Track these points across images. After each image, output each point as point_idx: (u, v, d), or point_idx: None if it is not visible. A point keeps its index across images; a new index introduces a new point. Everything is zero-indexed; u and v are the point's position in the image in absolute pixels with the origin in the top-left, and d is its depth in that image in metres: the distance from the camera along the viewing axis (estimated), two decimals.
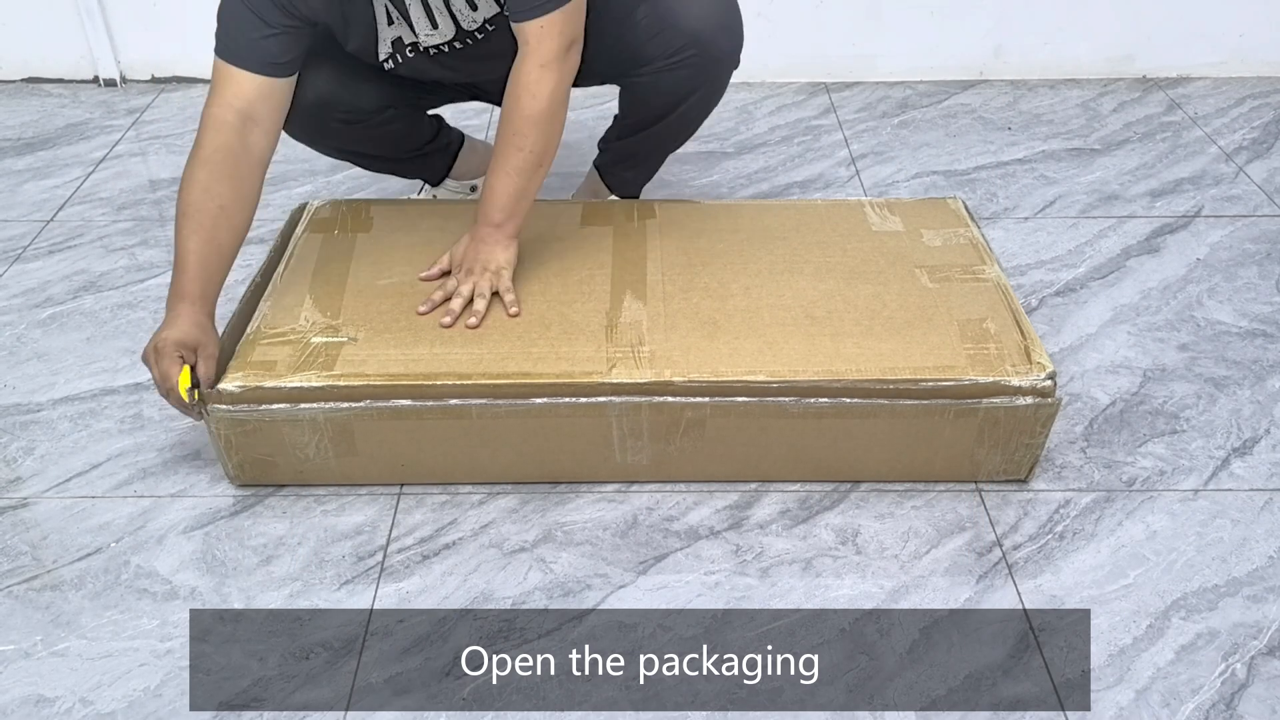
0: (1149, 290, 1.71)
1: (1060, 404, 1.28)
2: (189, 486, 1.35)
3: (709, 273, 1.44)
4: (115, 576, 1.23)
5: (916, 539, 1.28)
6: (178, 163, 2.10)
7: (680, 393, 1.26)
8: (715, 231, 1.53)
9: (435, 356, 1.29)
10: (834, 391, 1.26)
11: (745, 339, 1.32)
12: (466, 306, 1.35)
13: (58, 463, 1.39)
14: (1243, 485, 1.35)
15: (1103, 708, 1.09)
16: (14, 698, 1.10)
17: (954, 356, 1.29)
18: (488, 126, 2.22)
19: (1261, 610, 1.19)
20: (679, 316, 1.36)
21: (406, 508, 1.32)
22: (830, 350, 1.30)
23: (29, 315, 1.67)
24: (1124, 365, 1.55)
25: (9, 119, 2.29)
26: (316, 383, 1.26)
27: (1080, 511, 1.32)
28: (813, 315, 1.36)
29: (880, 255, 1.47)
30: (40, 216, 1.93)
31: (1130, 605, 1.20)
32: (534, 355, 1.29)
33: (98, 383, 1.52)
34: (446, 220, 1.56)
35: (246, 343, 1.32)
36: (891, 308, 1.37)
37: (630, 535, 1.29)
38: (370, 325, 1.35)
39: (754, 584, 1.22)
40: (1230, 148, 2.13)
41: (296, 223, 1.56)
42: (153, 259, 1.81)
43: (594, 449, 1.31)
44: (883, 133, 2.20)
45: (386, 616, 1.19)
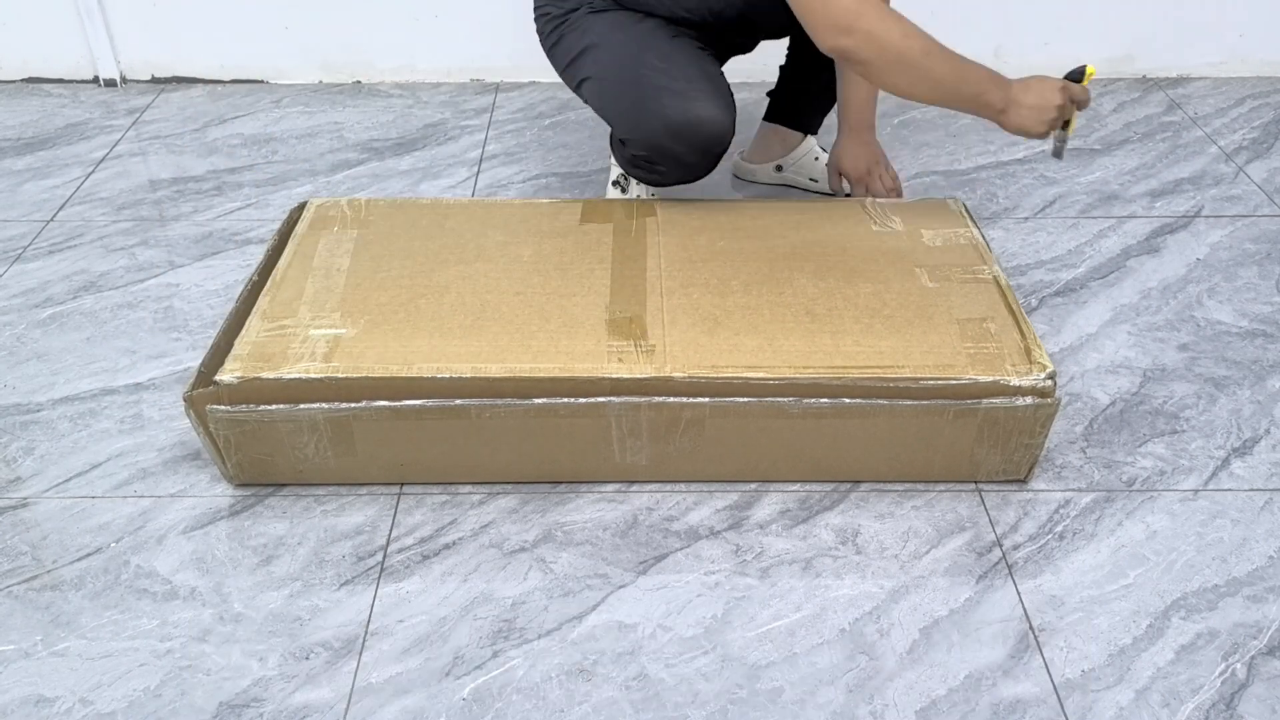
0: (1149, 290, 1.71)
1: (1060, 404, 1.28)
2: (189, 486, 1.35)
3: (709, 269, 1.44)
4: (115, 576, 1.23)
5: (916, 539, 1.28)
6: (178, 162, 2.11)
7: (680, 392, 1.26)
8: (715, 229, 1.53)
9: (434, 348, 1.29)
10: (834, 390, 1.26)
11: (745, 335, 1.32)
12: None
13: (57, 463, 1.39)
14: (1243, 485, 1.35)
15: (1103, 708, 1.09)
16: (14, 698, 1.10)
17: (954, 355, 1.29)
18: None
19: (1261, 610, 1.19)
20: (679, 312, 1.36)
21: (406, 508, 1.32)
22: (830, 347, 1.30)
23: (29, 315, 1.67)
24: (1124, 365, 1.55)
25: (9, 119, 2.29)
26: (314, 374, 1.26)
27: (1080, 511, 1.32)
28: (813, 313, 1.36)
29: (880, 255, 1.47)
30: (40, 216, 1.93)
31: (1130, 605, 1.20)
32: (533, 349, 1.29)
33: (98, 383, 1.52)
34: (445, 218, 1.56)
35: (244, 336, 1.32)
36: (892, 306, 1.37)
37: (630, 535, 1.29)
38: (369, 316, 1.35)
39: (754, 584, 1.22)
40: (1230, 148, 2.13)
41: (296, 221, 1.56)
42: (153, 259, 1.81)
43: (593, 449, 1.31)
44: (883, 133, 2.19)
45: (386, 616, 1.19)
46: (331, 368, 1.26)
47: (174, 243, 1.85)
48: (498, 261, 1.46)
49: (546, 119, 2.28)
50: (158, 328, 1.63)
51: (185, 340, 1.60)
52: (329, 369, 1.26)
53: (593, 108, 1.63)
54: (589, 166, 2.09)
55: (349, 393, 1.26)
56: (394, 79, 2.46)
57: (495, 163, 2.11)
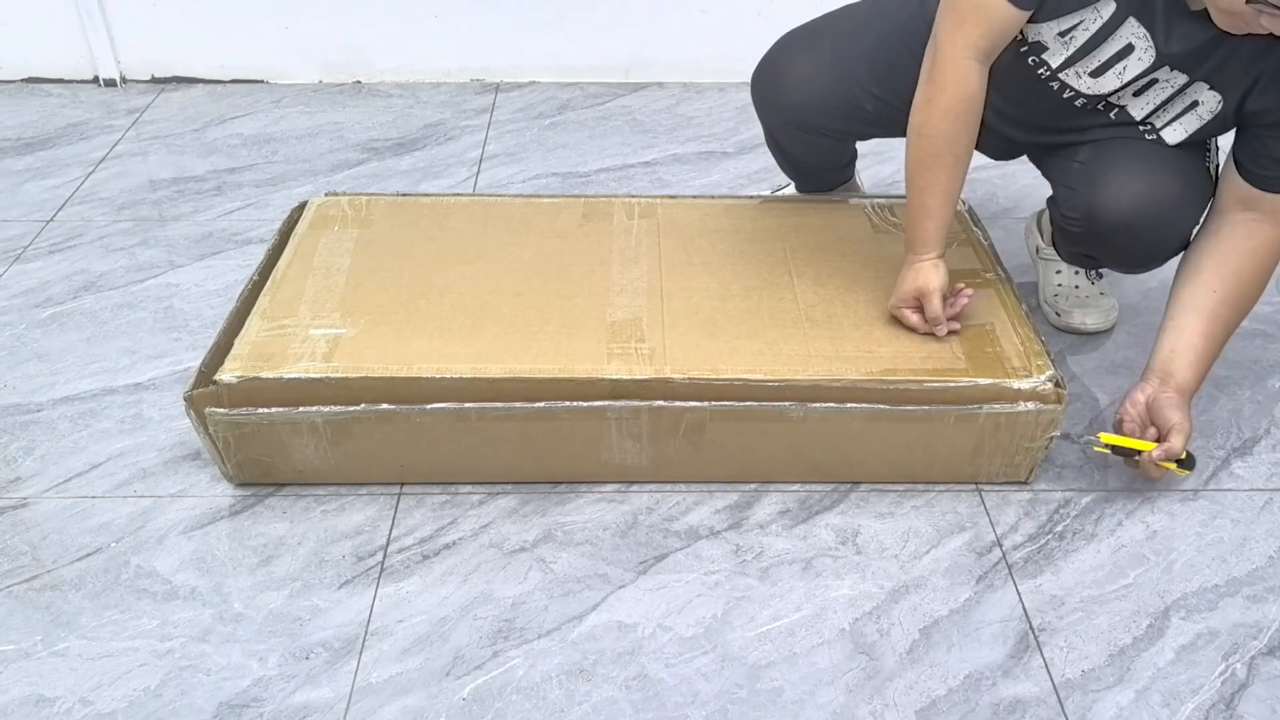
0: (1149, 290, 1.71)
1: (1064, 410, 1.27)
2: (189, 486, 1.35)
3: (709, 273, 1.44)
4: (115, 576, 1.23)
5: (916, 539, 1.28)
6: (178, 162, 2.11)
7: (679, 394, 1.26)
8: (716, 231, 1.53)
9: (434, 350, 1.29)
10: (834, 394, 1.26)
11: (744, 339, 1.32)
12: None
13: (58, 463, 1.39)
14: (1243, 485, 1.35)
15: (1103, 708, 1.09)
16: (14, 698, 1.10)
17: (954, 360, 1.29)
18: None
19: (1261, 610, 1.19)
20: (679, 315, 1.36)
21: (406, 508, 1.32)
22: (830, 351, 1.30)
23: (29, 315, 1.67)
24: (1124, 365, 1.55)
25: (9, 119, 2.29)
26: (314, 374, 1.25)
27: (1080, 511, 1.32)
28: (812, 318, 1.36)
29: (880, 259, 1.47)
30: (40, 216, 1.93)
31: (1130, 605, 1.20)
32: (534, 350, 1.29)
33: (98, 383, 1.52)
34: (445, 217, 1.56)
35: (244, 336, 1.32)
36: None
37: (630, 535, 1.29)
38: (369, 316, 1.35)
39: (754, 584, 1.22)
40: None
41: (296, 220, 1.56)
42: (153, 259, 1.81)
43: (593, 451, 1.31)
44: None
45: (386, 616, 1.19)
46: (331, 367, 1.26)
47: (174, 243, 1.85)
48: (498, 262, 1.46)
49: (546, 119, 2.28)
50: (158, 328, 1.63)
51: (185, 340, 1.60)
52: (329, 369, 1.26)
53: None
54: (589, 166, 2.09)
55: (349, 393, 1.26)
56: (394, 79, 2.46)
57: (495, 163, 2.11)
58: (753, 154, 2.13)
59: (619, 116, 2.29)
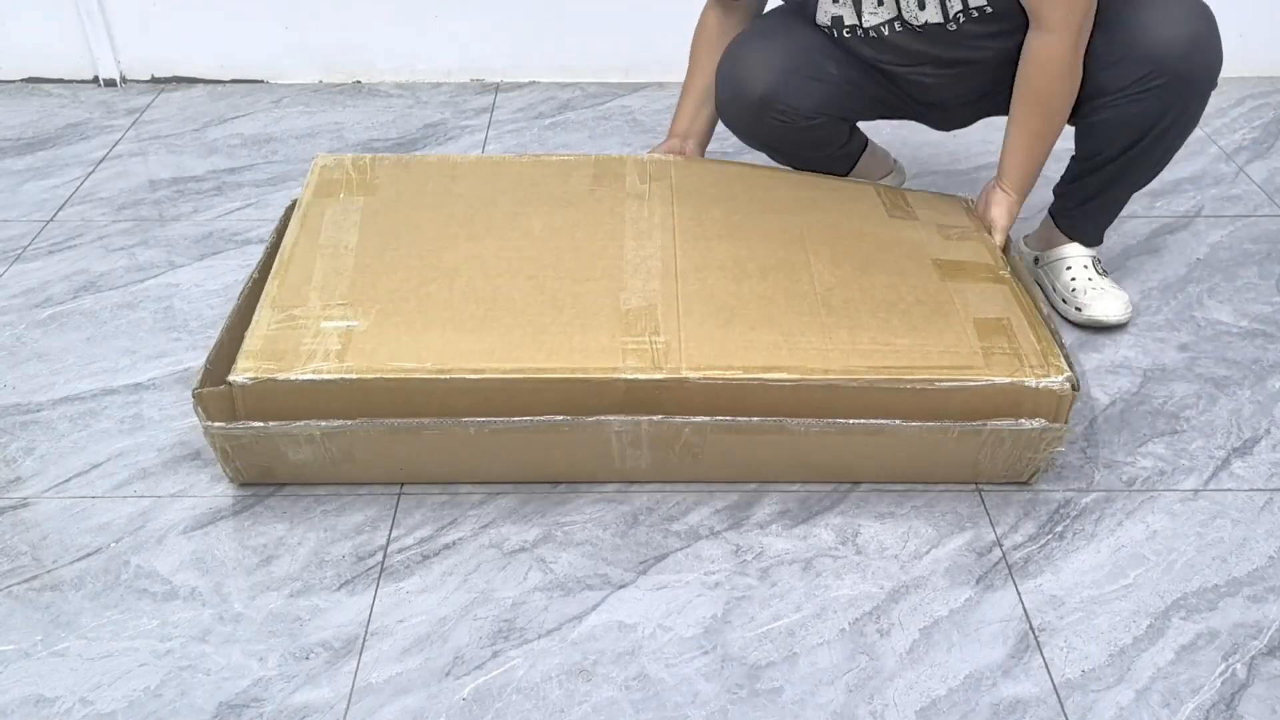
0: (1149, 290, 1.71)
1: (1068, 429, 1.27)
2: (189, 486, 1.35)
3: (724, 249, 1.41)
4: (115, 576, 1.23)
5: (916, 539, 1.28)
6: (178, 162, 2.11)
7: (694, 396, 1.24)
8: (730, 199, 1.50)
9: (446, 345, 1.26)
10: (850, 395, 1.24)
11: (761, 329, 1.29)
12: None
13: (57, 463, 1.39)
14: (1243, 485, 1.35)
15: (1103, 708, 1.09)
16: (14, 698, 1.10)
17: (972, 355, 1.28)
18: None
19: (1261, 610, 1.19)
20: (694, 300, 1.33)
21: (406, 508, 1.32)
22: (847, 345, 1.28)
23: (29, 315, 1.67)
24: (1124, 365, 1.55)
25: (9, 119, 2.29)
26: (328, 375, 1.23)
27: (1080, 511, 1.32)
28: (829, 304, 1.33)
29: (896, 244, 1.45)
30: (40, 216, 1.93)
31: (1130, 605, 1.20)
32: (547, 346, 1.26)
33: (97, 383, 1.52)
34: (453, 181, 1.53)
35: (255, 329, 1.29)
36: (908, 300, 1.34)
37: (630, 535, 1.29)
38: (379, 305, 1.31)
39: (754, 584, 1.22)
40: (1230, 148, 2.13)
41: (293, 210, 1.53)
42: (153, 259, 1.81)
43: (593, 457, 1.30)
44: (884, 133, 2.19)
45: (386, 616, 1.19)
46: (345, 367, 1.24)
47: (174, 243, 1.85)
48: (508, 237, 1.43)
49: (546, 119, 2.28)
50: (158, 328, 1.63)
51: (185, 340, 1.60)
52: (342, 369, 1.23)
53: None
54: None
55: (362, 394, 1.23)
56: (394, 79, 2.46)
57: None
58: (753, 154, 2.12)
59: (619, 116, 2.29)
